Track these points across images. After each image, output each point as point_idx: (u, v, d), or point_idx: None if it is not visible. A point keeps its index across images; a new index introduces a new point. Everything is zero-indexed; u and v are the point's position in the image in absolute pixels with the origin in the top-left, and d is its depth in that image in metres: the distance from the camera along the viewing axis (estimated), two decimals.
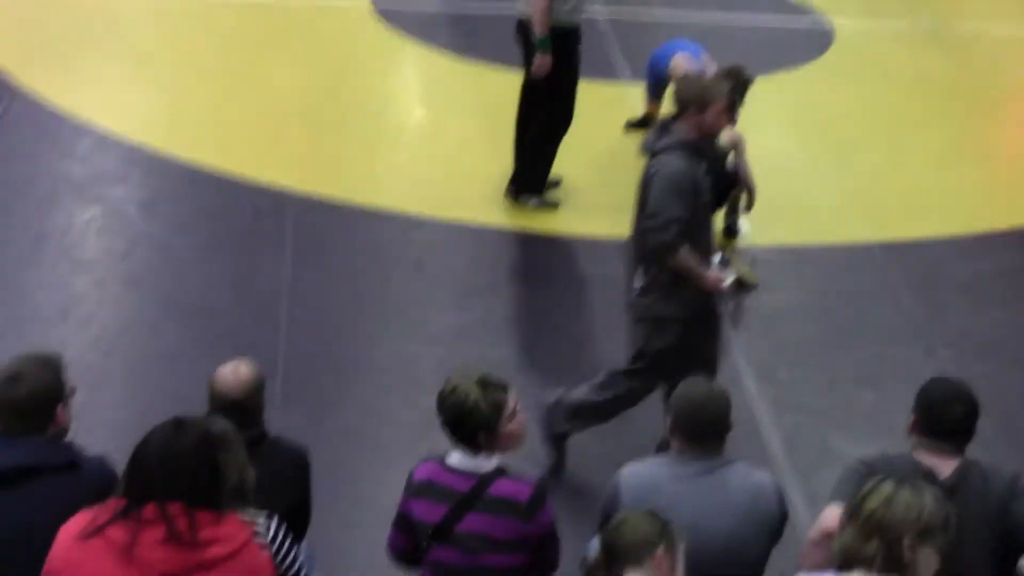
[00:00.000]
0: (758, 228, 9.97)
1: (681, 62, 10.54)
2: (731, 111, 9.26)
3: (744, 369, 8.46)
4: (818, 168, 10.92)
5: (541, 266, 9.60)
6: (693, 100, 6.82)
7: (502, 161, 10.14)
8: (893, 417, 6.00)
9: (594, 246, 9.75)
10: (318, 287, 9.00)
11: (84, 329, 8.35)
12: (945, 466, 5.13)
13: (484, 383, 5.06)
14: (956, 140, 11.61)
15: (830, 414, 8.17)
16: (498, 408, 5.04)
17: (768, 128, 11.29)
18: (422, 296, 9.03)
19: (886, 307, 9.26)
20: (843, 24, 13.59)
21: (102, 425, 7.19)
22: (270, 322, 8.50)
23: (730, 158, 9.35)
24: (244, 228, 9.68)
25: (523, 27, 9.61)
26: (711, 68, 10.08)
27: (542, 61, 9.52)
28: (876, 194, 10.68)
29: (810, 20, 13.72)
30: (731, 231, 9.81)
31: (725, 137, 9.18)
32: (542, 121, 9.86)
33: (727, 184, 9.31)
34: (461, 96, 12.03)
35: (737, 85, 9.27)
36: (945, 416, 5.18)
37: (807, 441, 7.88)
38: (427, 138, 11.19)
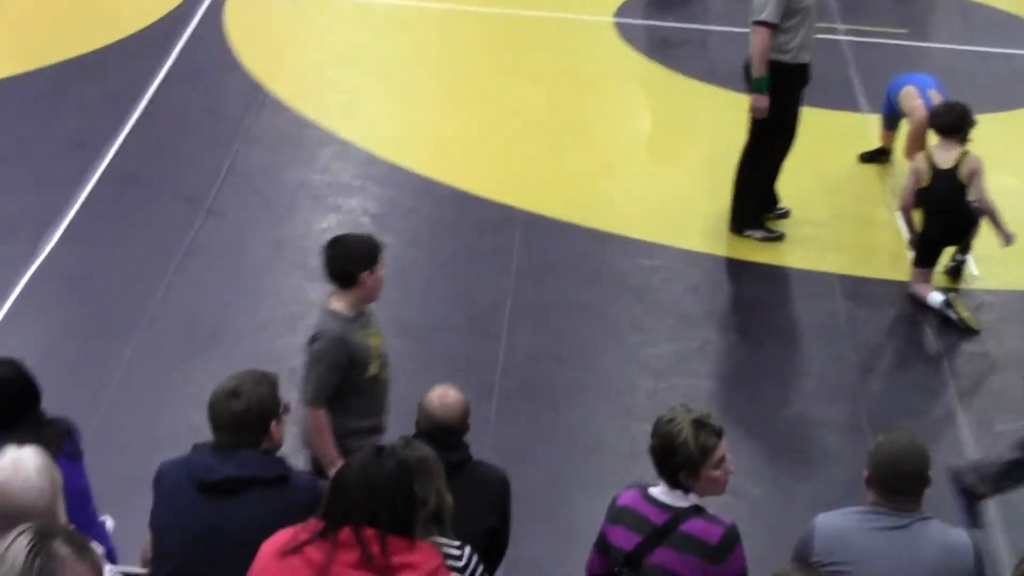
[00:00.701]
0: (987, 270, 9.82)
1: (909, 94, 10.50)
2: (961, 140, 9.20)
3: (961, 418, 8.36)
4: None
5: (762, 299, 9.61)
6: None
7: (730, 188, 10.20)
8: None
9: (818, 279, 9.73)
10: (539, 308, 9.16)
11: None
12: None
13: (699, 423, 5.09)
14: None
15: None
16: (705, 452, 5.06)
17: (1004, 166, 11.10)
18: (641, 323, 9.12)
19: None
20: None
21: None
22: (490, 341, 8.68)
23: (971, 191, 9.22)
24: (472, 243, 9.89)
25: (749, 67, 9.64)
26: (937, 101, 10.00)
27: (758, 103, 9.55)
28: None
29: None
30: (956, 272, 9.69)
31: (964, 167, 9.11)
32: (759, 159, 9.87)
33: (970, 220, 9.23)
34: (696, 120, 12.07)
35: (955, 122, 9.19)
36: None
37: (1019, 495, 7.75)
38: (659, 162, 11.27)
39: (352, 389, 6.26)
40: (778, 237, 10.08)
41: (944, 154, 9.19)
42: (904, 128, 10.79)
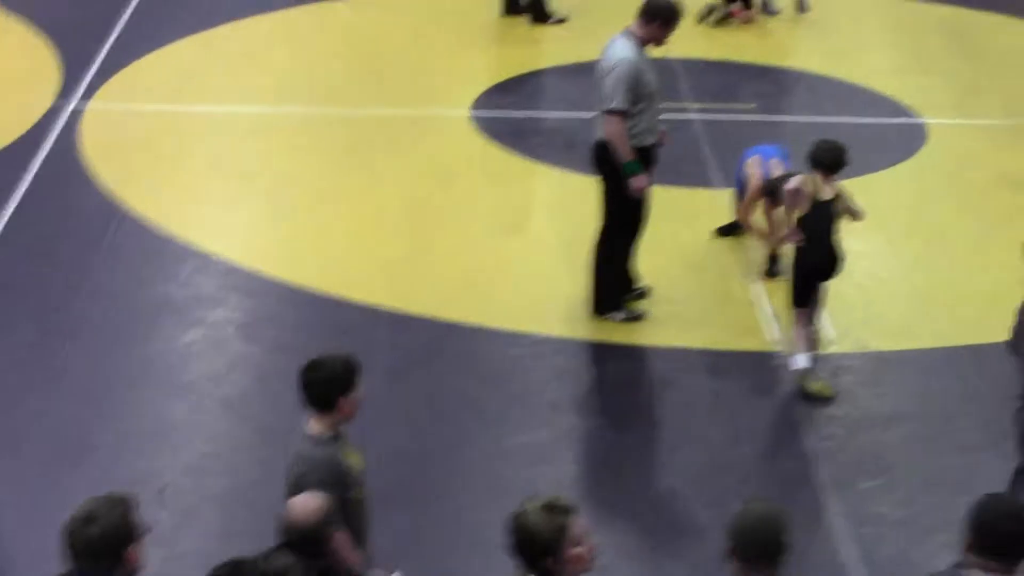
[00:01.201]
0: (842, 333, 10.06)
1: (752, 163, 10.80)
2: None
3: (821, 481, 8.55)
4: (903, 270, 10.99)
5: (626, 380, 9.78)
6: None
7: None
8: None
9: (681, 357, 9.91)
10: (406, 406, 9.25)
11: (178, 454, 8.66)
12: None
13: (549, 507, 5.12)
14: None
15: (911, 524, 8.23)
16: (561, 531, 5.08)
17: (855, 231, 11.37)
18: (508, 412, 9.24)
19: (971, 412, 9.30)
20: (936, 123, 13.65)
21: (194, 553, 7.48)
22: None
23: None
24: (337, 346, 9.91)
25: (600, 147, 9.85)
26: (776, 171, 10.32)
27: (637, 185, 9.78)
28: (962, 295, 10.72)
29: (903, 119, 13.80)
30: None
31: (840, 201, 9.37)
32: (615, 241, 10.07)
33: (839, 254, 9.46)
34: (554, 206, 12.28)
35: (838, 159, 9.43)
36: (999, 534, 5.27)
37: (886, 553, 7.94)
38: (519, 250, 11.41)
39: (341, 514, 6.13)
40: (638, 317, 10.25)
41: (827, 189, 9.39)
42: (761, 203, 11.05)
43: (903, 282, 10.86)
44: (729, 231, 11.44)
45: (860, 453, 8.88)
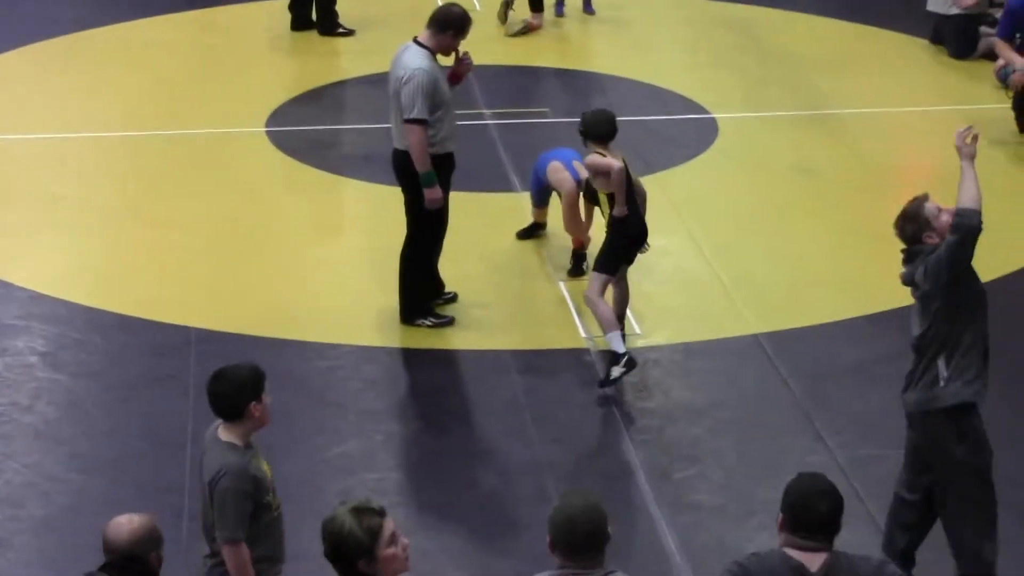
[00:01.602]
0: (649, 328, 10.23)
1: (555, 168, 10.93)
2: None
3: (639, 470, 8.70)
4: (704, 263, 11.21)
5: (440, 384, 9.83)
6: None
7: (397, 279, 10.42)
8: None
9: (492, 358, 10.00)
10: None
11: None
12: (814, 561, 5.38)
13: (358, 510, 5.16)
14: (842, 224, 11.94)
15: (726, 510, 8.41)
16: (373, 533, 5.11)
17: (656, 226, 11.58)
18: (324, 423, 9.24)
19: (777, 397, 9.53)
20: (726, 117, 13.96)
21: None
22: (175, 465, 8.65)
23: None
24: (147, 368, 9.86)
25: (400, 156, 9.89)
26: (583, 172, 10.43)
27: (432, 196, 9.80)
28: (764, 283, 10.98)
29: (696, 115, 14.08)
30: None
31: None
32: (420, 248, 10.13)
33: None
34: (357, 216, 12.30)
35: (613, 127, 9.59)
36: (811, 512, 5.42)
37: (703, 539, 8.11)
38: (326, 263, 11.39)
39: (255, 520, 6.29)
40: (448, 322, 10.31)
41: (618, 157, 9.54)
42: (556, 201, 11.19)
43: (706, 273, 11.07)
44: (530, 233, 11.56)
45: (674, 443, 9.05)
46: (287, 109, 14.20)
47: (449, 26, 9.83)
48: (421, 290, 10.28)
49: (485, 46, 15.02)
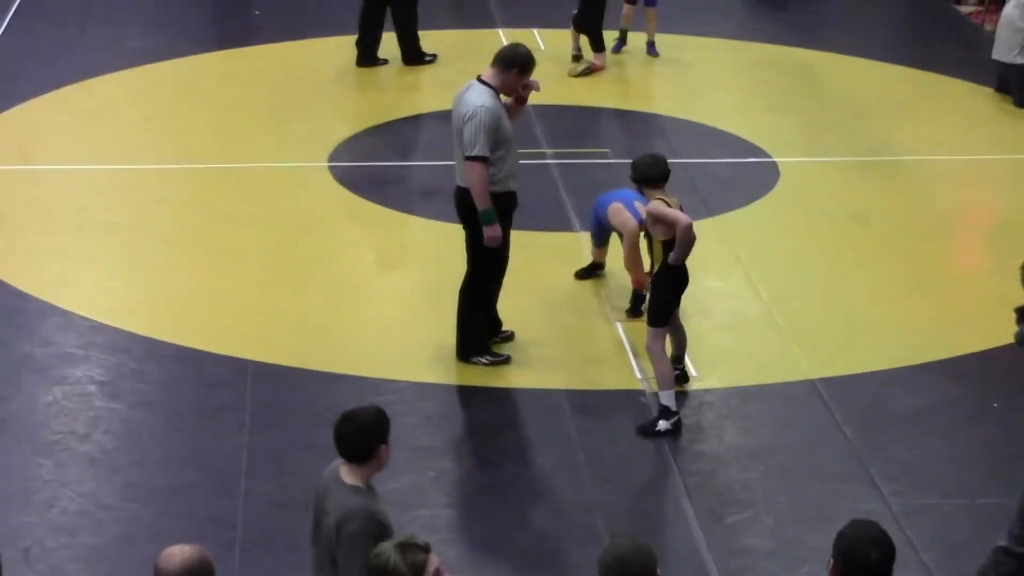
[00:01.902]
0: (705, 371, 10.22)
1: (617, 210, 10.95)
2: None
3: (690, 513, 8.67)
4: (762, 307, 11.19)
5: (494, 422, 9.84)
6: None
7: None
8: None
9: (547, 397, 10.01)
10: (277, 456, 9.24)
11: (45, 513, 8.56)
12: None
13: (403, 546, 5.29)
14: (897, 272, 11.91)
15: (777, 555, 8.38)
16: (417, 568, 5.25)
17: (715, 269, 11.59)
18: None
19: (831, 443, 9.49)
20: (787, 162, 13.95)
21: None
22: (229, 496, 8.71)
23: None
24: (203, 400, 9.93)
25: (462, 193, 9.94)
26: (643, 212, 10.43)
27: (492, 234, 9.84)
28: (820, 328, 10.95)
29: (756, 159, 14.07)
30: (682, 377, 10.03)
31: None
32: (480, 286, 10.16)
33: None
34: (416, 253, 12.35)
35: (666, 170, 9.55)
36: (862, 559, 5.41)
37: None
38: (383, 298, 11.45)
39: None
40: (504, 360, 10.33)
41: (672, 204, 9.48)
42: (617, 242, 11.20)
43: (763, 318, 11.05)
44: (589, 273, 11.58)
45: (727, 487, 9.02)
46: (350, 144, 14.30)
47: (514, 65, 9.89)
48: (479, 328, 10.31)
49: (547, 86, 14.95)
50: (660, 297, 9.56)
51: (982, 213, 13.37)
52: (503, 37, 16.82)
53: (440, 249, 11.75)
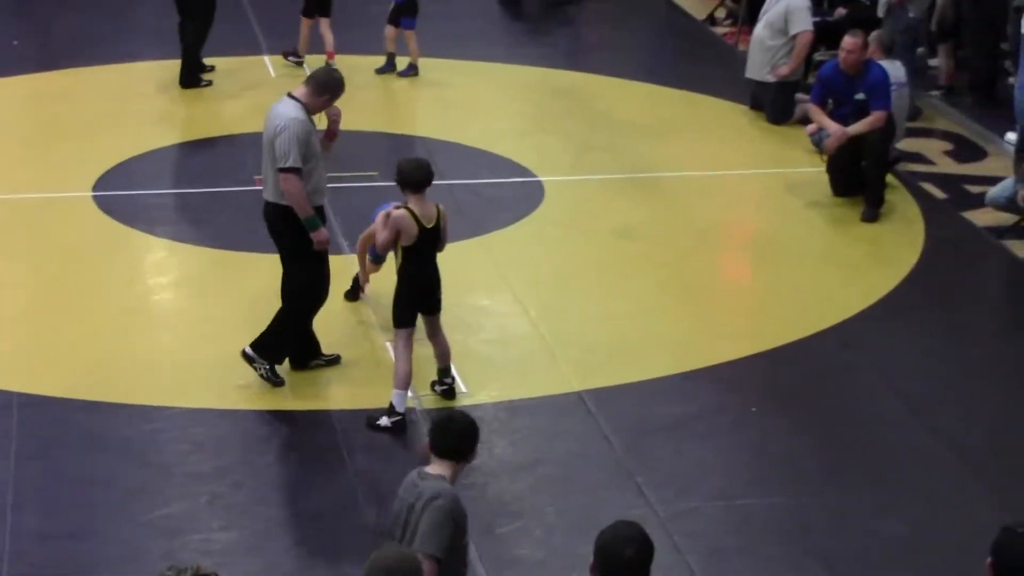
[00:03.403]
0: (473, 387, 10.38)
1: (378, 223, 11.09)
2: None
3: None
4: (529, 323, 11.38)
5: (268, 446, 9.85)
6: None
7: (226, 341, 10.47)
8: None
9: (320, 418, 10.06)
10: (45, 488, 9.14)
11: None
12: None
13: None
14: (661, 285, 12.21)
15: (547, 564, 8.57)
16: None
17: (482, 286, 11.77)
18: (148, 486, 9.22)
19: (596, 453, 9.72)
20: (552, 181, 14.20)
21: None
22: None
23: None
24: None
25: (272, 210, 10.06)
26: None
27: (320, 238, 10.06)
28: (585, 344, 11.16)
29: (522, 179, 14.30)
30: (449, 393, 10.19)
31: (443, 221, 9.82)
32: (295, 295, 10.27)
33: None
34: (184, 281, 12.29)
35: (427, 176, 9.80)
36: (618, 557, 5.62)
37: None
38: (153, 327, 11.38)
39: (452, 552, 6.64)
40: (279, 382, 10.32)
41: (425, 210, 9.72)
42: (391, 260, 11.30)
43: (530, 333, 11.25)
44: (356, 295, 11.68)
45: (497, 499, 9.18)
46: (115, 173, 14.16)
47: (327, 90, 10.11)
48: (288, 341, 10.33)
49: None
50: (399, 299, 9.87)
51: (740, 226, 13.80)
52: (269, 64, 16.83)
53: (206, 275, 11.72)
